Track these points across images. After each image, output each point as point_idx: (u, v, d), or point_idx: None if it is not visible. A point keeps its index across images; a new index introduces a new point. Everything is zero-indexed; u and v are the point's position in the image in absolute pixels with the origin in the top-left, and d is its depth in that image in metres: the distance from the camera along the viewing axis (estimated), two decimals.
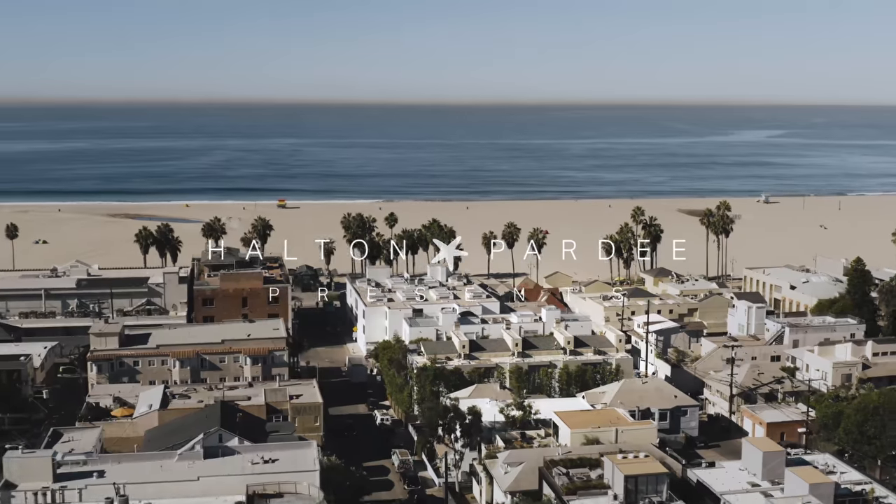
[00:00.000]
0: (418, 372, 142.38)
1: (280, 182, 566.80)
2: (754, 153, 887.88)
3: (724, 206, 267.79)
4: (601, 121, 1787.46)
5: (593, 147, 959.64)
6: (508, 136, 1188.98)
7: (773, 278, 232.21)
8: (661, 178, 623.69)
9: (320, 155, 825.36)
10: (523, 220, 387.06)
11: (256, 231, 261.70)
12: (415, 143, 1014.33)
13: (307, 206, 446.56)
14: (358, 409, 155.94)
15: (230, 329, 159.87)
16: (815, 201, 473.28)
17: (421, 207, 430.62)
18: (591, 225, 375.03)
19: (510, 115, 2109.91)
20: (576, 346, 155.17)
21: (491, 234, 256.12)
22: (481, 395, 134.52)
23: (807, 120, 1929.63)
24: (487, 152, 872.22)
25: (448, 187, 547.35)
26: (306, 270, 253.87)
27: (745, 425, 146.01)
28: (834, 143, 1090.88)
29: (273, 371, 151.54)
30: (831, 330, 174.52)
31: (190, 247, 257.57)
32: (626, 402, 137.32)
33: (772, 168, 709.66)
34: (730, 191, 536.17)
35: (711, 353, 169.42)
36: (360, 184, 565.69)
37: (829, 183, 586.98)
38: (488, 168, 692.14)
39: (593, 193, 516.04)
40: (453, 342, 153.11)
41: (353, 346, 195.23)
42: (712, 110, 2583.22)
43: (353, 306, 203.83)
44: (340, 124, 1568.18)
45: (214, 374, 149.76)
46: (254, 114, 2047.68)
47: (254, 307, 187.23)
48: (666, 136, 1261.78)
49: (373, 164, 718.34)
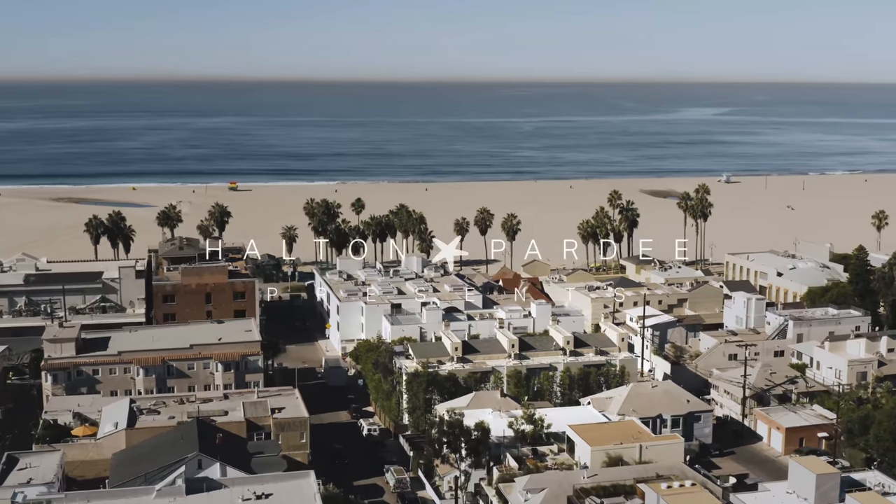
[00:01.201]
0: (409, 378, 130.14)
1: (229, 163, 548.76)
2: (704, 131, 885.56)
3: (702, 189, 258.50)
4: (547, 98, 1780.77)
5: (543, 125, 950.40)
6: (459, 115, 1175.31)
7: (758, 265, 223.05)
8: (617, 157, 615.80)
9: (269, 134, 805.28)
10: (485, 202, 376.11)
11: (213, 218, 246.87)
12: (364, 122, 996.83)
13: (260, 188, 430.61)
14: (339, 417, 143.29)
15: (198, 331, 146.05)
16: (777, 181, 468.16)
17: (379, 190, 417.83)
18: (554, 207, 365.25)
19: (457, 92, 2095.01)
20: (575, 345, 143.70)
21: (463, 220, 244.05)
22: (481, 404, 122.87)
23: (749, 97, 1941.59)
24: (440, 131, 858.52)
25: (404, 168, 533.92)
26: (268, 260, 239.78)
27: (758, 429, 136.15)
28: (782, 120, 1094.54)
29: (247, 377, 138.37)
30: (836, 322, 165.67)
31: (143, 236, 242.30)
32: (636, 408, 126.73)
33: (726, 146, 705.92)
34: (688, 170, 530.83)
35: (713, 349, 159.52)
36: (312, 164, 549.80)
37: (787, 162, 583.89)
38: (443, 147, 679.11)
39: (552, 174, 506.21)
40: (444, 343, 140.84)
41: (326, 344, 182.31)
42: (653, 87, 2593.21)
43: (325, 300, 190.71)
44: (287, 102, 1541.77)
45: (182, 382, 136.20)
46: (199, 91, 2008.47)
47: (218, 303, 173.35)
48: (613, 113, 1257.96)
49: (323, 144, 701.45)
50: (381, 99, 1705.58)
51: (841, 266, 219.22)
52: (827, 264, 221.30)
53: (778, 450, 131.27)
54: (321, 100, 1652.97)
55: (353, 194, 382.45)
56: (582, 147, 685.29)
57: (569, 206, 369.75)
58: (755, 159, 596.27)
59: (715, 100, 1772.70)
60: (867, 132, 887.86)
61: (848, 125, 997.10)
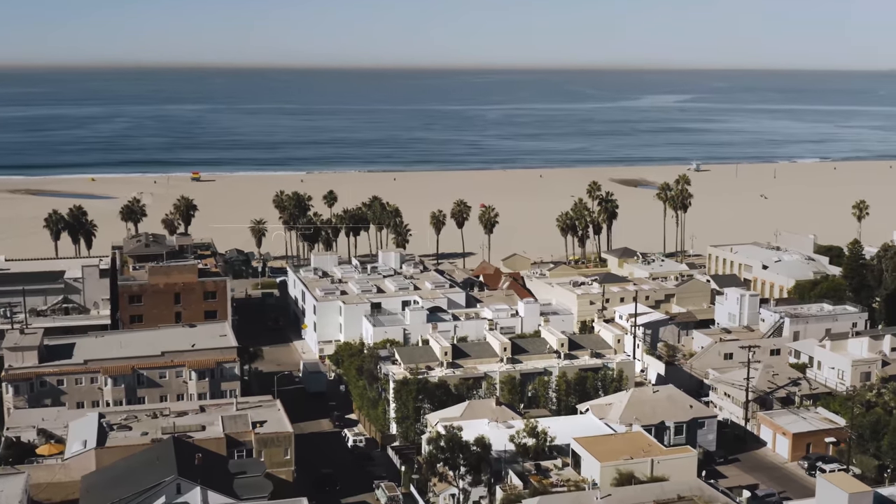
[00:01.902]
0: (398, 386, 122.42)
1: (190, 152, 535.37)
2: (668, 118, 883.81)
3: (682, 180, 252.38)
4: (509, 86, 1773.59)
5: (508, 113, 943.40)
6: (422, 102, 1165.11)
7: (743, 257, 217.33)
8: (584, 145, 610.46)
9: (228, 122, 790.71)
10: (455, 193, 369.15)
11: (179, 212, 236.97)
12: (326, 109, 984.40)
13: (223, 178, 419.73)
14: (321, 427, 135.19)
15: (169, 337, 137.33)
16: (747, 169, 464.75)
17: (347, 180, 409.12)
18: (526, 196, 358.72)
19: (419, 80, 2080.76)
20: (569, 347, 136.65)
21: (439, 212, 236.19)
22: (475, 413, 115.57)
23: (708, 84, 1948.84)
24: (404, 119, 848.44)
25: (370, 157, 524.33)
26: (237, 255, 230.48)
27: (762, 434, 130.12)
28: (744, 107, 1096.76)
29: (223, 386, 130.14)
30: (833, 319, 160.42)
31: (105, 230, 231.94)
32: (638, 415, 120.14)
33: (691, 134, 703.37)
34: (657, 159, 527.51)
35: (708, 348, 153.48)
36: (275, 153, 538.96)
37: (755, 149, 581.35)
38: (408, 136, 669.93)
39: (521, 162, 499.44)
40: (431, 347, 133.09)
41: (302, 346, 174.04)
42: (613, 75, 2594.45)
43: (299, 299, 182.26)
44: (247, 89, 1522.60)
45: (154, 391, 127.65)
46: (157, 78, 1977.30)
47: (188, 304, 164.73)
48: (575, 101, 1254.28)
49: (284, 132, 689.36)
50: (342, 86, 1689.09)
51: (826, 258, 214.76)
52: (812, 256, 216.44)
53: (784, 456, 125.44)
54: (282, 87, 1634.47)
55: (321, 184, 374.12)
56: (548, 135, 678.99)
57: (540, 196, 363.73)
58: (722, 147, 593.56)
59: (675, 87, 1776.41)
60: (829, 119, 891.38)
61: (810, 112, 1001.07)
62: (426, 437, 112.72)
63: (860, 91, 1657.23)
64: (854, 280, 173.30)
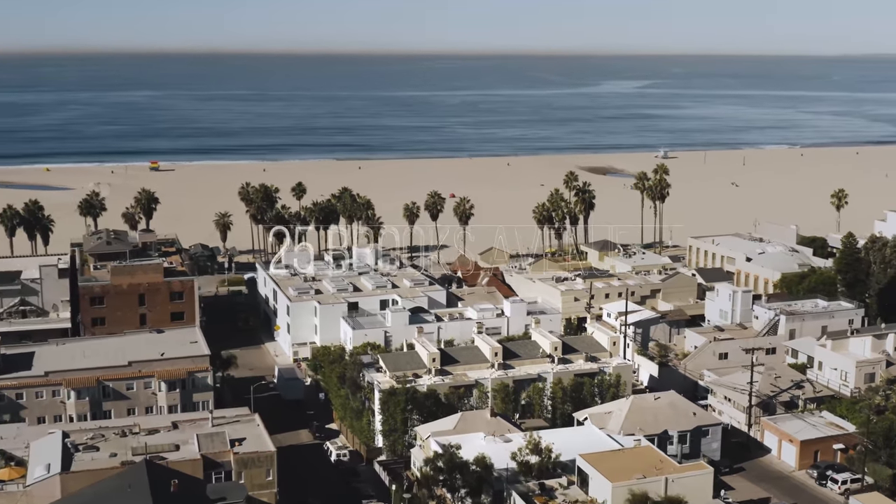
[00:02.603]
0: (384, 397, 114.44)
1: (146, 140, 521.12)
2: (630, 104, 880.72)
3: (661, 170, 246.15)
4: (469, 72, 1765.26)
5: (470, 99, 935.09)
6: (382, 88, 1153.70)
7: (725, 249, 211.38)
8: (549, 132, 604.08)
9: (184, 108, 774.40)
10: (422, 182, 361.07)
11: (140, 205, 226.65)
12: (284, 96, 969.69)
13: (183, 168, 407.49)
14: (300, 438, 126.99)
15: (136, 344, 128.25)
16: (715, 156, 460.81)
17: (310, 169, 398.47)
18: (495, 185, 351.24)
19: (377, 65, 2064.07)
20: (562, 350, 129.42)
21: (413, 204, 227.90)
22: (469, 426, 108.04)
23: (665, 70, 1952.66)
24: (364, 105, 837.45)
25: (333, 144, 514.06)
26: (201, 250, 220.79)
27: (766, 441, 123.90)
28: (703, 93, 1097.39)
29: (195, 397, 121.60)
30: (829, 316, 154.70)
31: (62, 225, 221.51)
32: (640, 425, 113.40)
33: (654, 121, 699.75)
34: (623, 146, 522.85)
35: (703, 348, 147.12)
36: (235, 141, 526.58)
37: (720, 136, 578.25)
38: (370, 123, 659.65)
39: (488, 150, 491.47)
40: (418, 353, 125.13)
41: (274, 348, 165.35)
42: (571, 60, 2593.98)
43: (271, 298, 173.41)
44: (203, 75, 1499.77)
45: (121, 404, 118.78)
46: (109, 64, 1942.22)
47: (154, 306, 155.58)
48: (536, 87, 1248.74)
49: (243, 119, 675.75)
50: (300, 73, 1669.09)
51: (810, 250, 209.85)
52: (795, 248, 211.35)
53: (790, 464, 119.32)
54: (237, 72, 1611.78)
55: (285, 174, 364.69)
56: (512, 122, 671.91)
57: (510, 185, 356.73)
58: (687, 134, 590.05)
59: (634, 73, 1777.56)
60: (788, 105, 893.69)
61: (768, 98, 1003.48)
62: (416, 450, 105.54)
63: (814, 76, 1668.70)
64: (848, 275, 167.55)
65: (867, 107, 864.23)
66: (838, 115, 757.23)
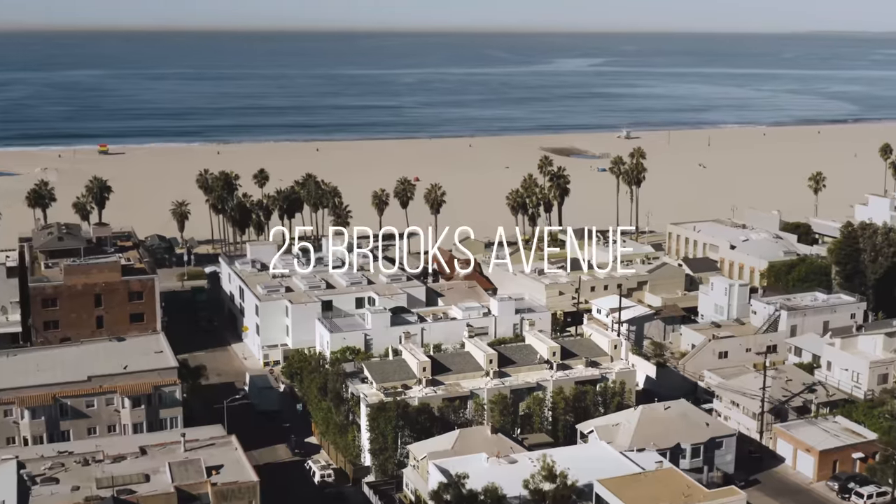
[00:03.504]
0: (374, 413, 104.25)
1: (94, 122, 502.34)
2: (586, 83, 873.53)
3: (637, 154, 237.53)
4: (418, 49, 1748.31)
5: (423, 78, 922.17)
6: (331, 66, 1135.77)
7: (708, 236, 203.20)
8: (505, 111, 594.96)
9: (131, 88, 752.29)
10: (383, 164, 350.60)
11: (92, 194, 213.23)
12: (234, 74, 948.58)
13: (133, 150, 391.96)
14: (277, 455, 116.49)
15: (95, 355, 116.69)
16: (678, 135, 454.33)
17: (265, 151, 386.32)
18: (459, 168, 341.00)
19: (323, 42, 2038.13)
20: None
21: (382, 191, 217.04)
22: (469, 445, 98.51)
23: (616, 48, 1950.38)
24: (315, 84, 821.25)
25: (286, 125, 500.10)
26: (158, 242, 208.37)
27: (779, 449, 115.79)
28: (658, 71, 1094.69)
29: (161, 413, 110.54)
30: (831, 311, 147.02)
31: (10, 217, 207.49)
32: (652, 438, 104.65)
33: (612, 100, 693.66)
34: (583, 125, 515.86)
35: (702, 346, 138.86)
36: (185, 122, 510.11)
37: (680, 115, 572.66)
38: (323, 102, 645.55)
39: (447, 131, 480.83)
40: (405, 360, 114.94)
41: (242, 350, 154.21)
42: (521, 38, 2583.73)
43: (237, 296, 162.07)
44: (145, 53, 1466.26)
45: (80, 423, 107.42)
46: (45, 43, 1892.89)
47: (111, 307, 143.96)
48: (490, 65, 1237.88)
49: (193, 99, 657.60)
50: (247, 49, 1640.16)
51: (794, 236, 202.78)
52: (779, 234, 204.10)
53: (807, 475, 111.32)
54: (184, 51, 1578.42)
55: (238, 156, 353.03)
56: (469, 102, 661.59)
57: (475, 167, 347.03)
58: (647, 113, 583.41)
59: (585, 50, 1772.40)
60: (744, 82, 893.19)
61: (722, 76, 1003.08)
62: (409, 470, 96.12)
63: (765, 54, 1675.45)
64: (848, 266, 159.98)
65: (820, 84, 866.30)
66: (794, 94, 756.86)
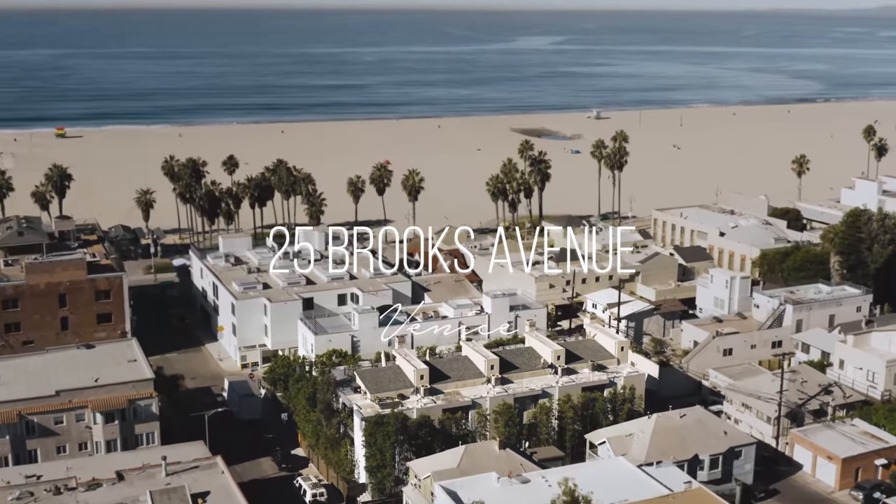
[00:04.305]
0: (371, 427, 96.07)
1: (49, 104, 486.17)
2: (550, 62, 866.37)
3: (620, 137, 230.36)
4: (378, 26, 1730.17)
5: (385, 57, 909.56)
6: (291, 45, 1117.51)
7: (695, 222, 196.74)
8: (472, 91, 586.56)
9: (87, 69, 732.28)
10: (353, 146, 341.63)
11: (52, 183, 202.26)
12: (191, 53, 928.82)
13: (91, 134, 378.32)
14: (262, 469, 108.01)
15: (62, 365, 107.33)
16: (649, 116, 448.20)
17: (229, 133, 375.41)
18: (430, 150, 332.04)
19: (281, 20, 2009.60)
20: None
21: (358, 178, 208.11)
22: (476, 463, 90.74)
23: (576, 26, 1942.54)
24: (276, 63, 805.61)
25: (248, 106, 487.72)
26: (123, 233, 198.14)
27: (796, 455, 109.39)
28: (621, 49, 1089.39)
29: (137, 429, 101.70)
30: (837, 304, 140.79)
31: None
32: (668, 449, 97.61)
33: (578, 79, 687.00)
34: (552, 105, 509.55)
35: (706, 344, 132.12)
36: (144, 103, 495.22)
37: (649, 95, 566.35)
38: (285, 82, 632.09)
39: (414, 112, 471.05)
40: (399, 367, 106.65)
41: (217, 351, 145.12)
42: (480, 15, 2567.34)
43: (209, 292, 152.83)
44: (102, 31, 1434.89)
45: (48, 442, 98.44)
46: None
47: (77, 307, 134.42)
48: (451, 43, 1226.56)
49: (151, 79, 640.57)
50: (204, 27, 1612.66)
51: (783, 222, 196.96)
52: (769, 220, 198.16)
53: (828, 483, 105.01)
54: (141, 29, 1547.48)
55: (200, 139, 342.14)
56: (434, 81, 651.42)
57: (446, 149, 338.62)
58: (615, 93, 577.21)
59: (546, 28, 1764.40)
60: (706, 61, 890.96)
61: (685, 54, 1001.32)
62: (409, 489, 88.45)
63: (724, 32, 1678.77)
64: (851, 257, 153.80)
65: (783, 63, 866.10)
66: (758, 72, 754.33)
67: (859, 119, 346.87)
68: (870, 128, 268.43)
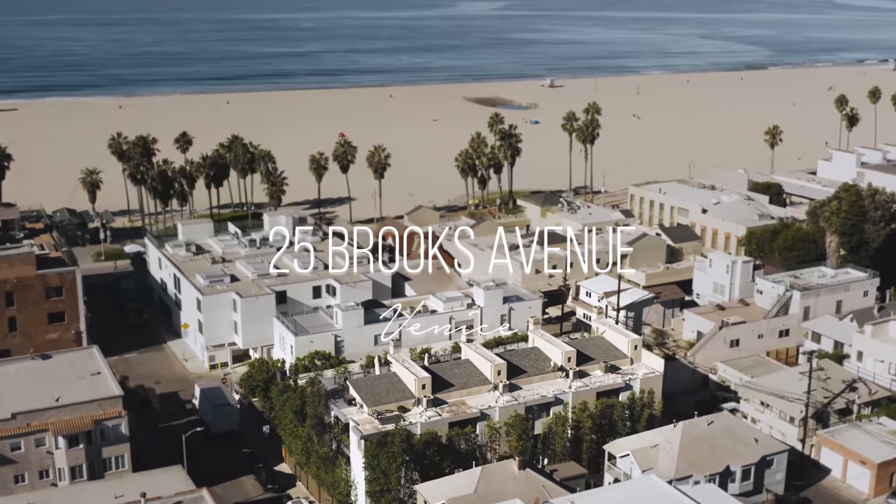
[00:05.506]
0: (373, 448, 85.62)
1: None
2: (496, 28, 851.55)
3: (593, 109, 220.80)
4: None
5: (326, 23, 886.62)
6: (227, 10, 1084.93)
7: (675, 199, 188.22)
8: (420, 59, 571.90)
9: (15, 36, 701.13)
10: (302, 117, 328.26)
11: None
12: (125, 20, 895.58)
13: (26, 106, 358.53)
14: (245, 491, 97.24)
15: (17, 383, 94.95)
16: (604, 84, 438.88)
17: (172, 104, 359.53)
18: (384, 122, 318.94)
19: None
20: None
21: (321, 155, 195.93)
22: (494, 487, 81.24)
23: None
24: (212, 30, 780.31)
25: (190, 75, 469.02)
26: (69, 217, 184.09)
27: (823, 458, 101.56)
28: (564, 14, 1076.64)
29: (105, 452, 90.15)
30: (844, 289, 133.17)
31: None
32: (698, 462, 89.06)
33: (526, 45, 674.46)
34: (504, 74, 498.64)
35: (712, 335, 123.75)
36: (81, 74, 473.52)
37: (600, 62, 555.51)
38: (223, 49, 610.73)
39: (363, 80, 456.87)
40: (397, 375, 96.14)
41: (182, 349, 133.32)
42: None
43: (170, 284, 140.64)
44: None
45: (6, 470, 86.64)
46: None
47: (25, 306, 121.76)
48: (391, 8, 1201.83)
49: (85, 47, 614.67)
50: None
51: (765, 197, 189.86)
52: (750, 195, 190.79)
53: (861, 490, 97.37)
54: None
55: (142, 111, 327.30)
56: (380, 49, 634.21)
57: (401, 121, 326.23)
58: (565, 60, 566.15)
59: None
60: (650, 26, 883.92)
61: (630, 20, 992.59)
62: None
63: None
64: (854, 238, 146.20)
65: (727, 28, 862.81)
66: (705, 39, 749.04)
67: (814, 85, 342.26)
68: (842, 97, 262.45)
